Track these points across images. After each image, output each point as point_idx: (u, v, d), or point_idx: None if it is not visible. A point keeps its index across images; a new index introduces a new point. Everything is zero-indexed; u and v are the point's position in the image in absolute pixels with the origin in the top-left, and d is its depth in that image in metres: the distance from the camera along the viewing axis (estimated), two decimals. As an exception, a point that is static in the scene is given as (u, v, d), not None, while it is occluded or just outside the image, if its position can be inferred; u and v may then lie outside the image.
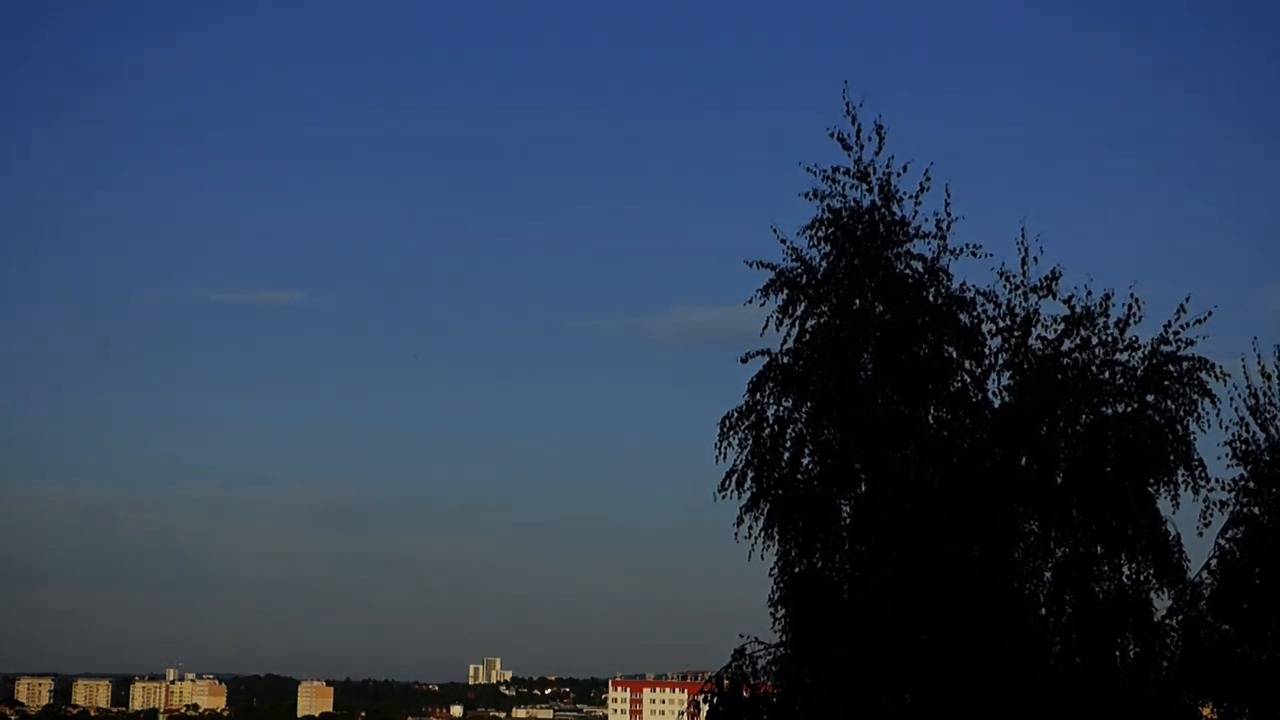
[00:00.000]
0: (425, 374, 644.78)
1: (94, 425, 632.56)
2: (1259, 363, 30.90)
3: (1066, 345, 29.34)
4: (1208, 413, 29.26)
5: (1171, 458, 28.91)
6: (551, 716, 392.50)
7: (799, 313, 29.02)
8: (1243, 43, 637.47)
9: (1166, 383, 29.17)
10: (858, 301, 28.89)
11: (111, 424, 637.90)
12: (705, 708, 29.18)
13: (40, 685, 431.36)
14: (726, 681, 29.01)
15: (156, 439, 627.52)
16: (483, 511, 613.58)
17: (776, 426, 28.80)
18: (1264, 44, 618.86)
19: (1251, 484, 30.43)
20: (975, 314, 29.25)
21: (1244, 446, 30.61)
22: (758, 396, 28.97)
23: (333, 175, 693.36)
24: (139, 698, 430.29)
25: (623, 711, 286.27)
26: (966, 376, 29.00)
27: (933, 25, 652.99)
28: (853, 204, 29.23)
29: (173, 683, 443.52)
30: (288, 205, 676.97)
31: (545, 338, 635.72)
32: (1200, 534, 29.94)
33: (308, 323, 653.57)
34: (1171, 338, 29.33)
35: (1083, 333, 29.32)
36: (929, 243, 29.14)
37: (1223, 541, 30.18)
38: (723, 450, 29.11)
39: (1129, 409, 29.10)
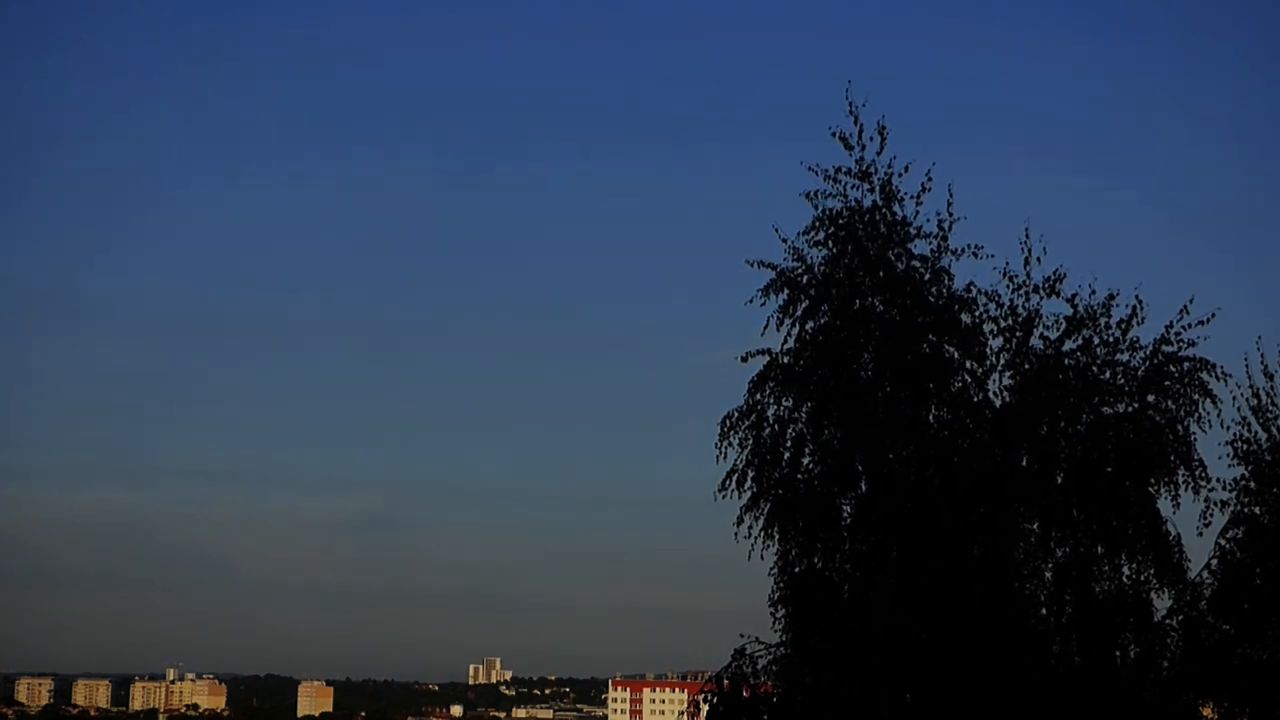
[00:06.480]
0: (427, 378, 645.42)
1: (119, 433, 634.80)
2: (1262, 362, 30.90)
3: (1068, 345, 29.32)
4: (1209, 413, 29.28)
5: (1172, 458, 28.89)
6: (551, 716, 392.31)
7: (799, 312, 28.94)
8: (1245, 47, 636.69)
9: (1168, 383, 29.15)
10: (858, 301, 28.82)
11: (138, 431, 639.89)
12: (705, 708, 29.14)
13: (40, 685, 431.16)
14: (726, 681, 28.96)
15: (183, 447, 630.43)
16: (484, 513, 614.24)
17: (777, 426, 28.72)
18: (1265, 47, 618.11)
19: (1252, 484, 30.37)
20: (977, 314, 29.23)
21: (1245, 446, 30.55)
22: (758, 396, 28.90)
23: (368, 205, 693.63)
24: (139, 698, 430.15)
25: (623, 711, 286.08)
26: (967, 376, 28.95)
27: (936, 27, 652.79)
28: (854, 204, 29.19)
29: (173, 683, 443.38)
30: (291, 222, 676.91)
31: (543, 342, 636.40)
32: (1200, 534, 29.93)
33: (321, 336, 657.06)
34: (1173, 338, 29.32)
35: (1085, 333, 29.30)
36: (930, 243, 29.12)
37: (1223, 541, 30.13)
38: (723, 450, 29.05)
39: (1130, 409, 29.08)
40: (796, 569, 28.54)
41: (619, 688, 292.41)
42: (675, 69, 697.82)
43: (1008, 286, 29.42)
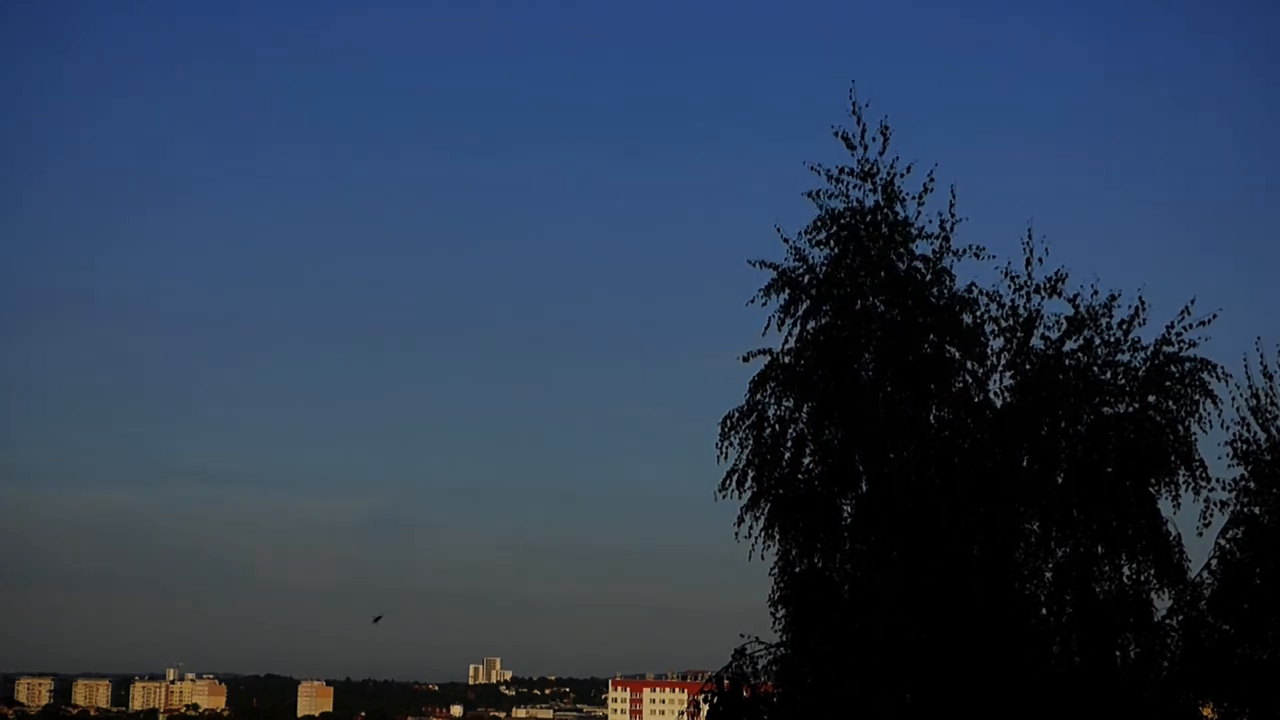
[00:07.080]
0: (427, 378, 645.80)
1: (119, 433, 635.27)
2: (1262, 362, 30.91)
3: (1069, 346, 29.33)
4: (1209, 413, 29.29)
5: (1172, 458, 28.90)
6: (551, 716, 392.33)
7: (801, 313, 28.96)
8: (1245, 46, 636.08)
9: (1168, 383, 29.16)
10: (860, 302, 28.84)
11: (138, 431, 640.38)
12: (705, 708, 29.17)
13: (40, 685, 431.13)
14: (726, 681, 29.00)
15: (183, 447, 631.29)
16: (484, 513, 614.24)
17: (777, 426, 28.74)
18: (1265, 47, 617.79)
19: (1252, 484, 30.40)
20: (978, 314, 29.23)
21: (1245, 446, 30.57)
22: (759, 396, 28.92)
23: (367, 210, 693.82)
24: (139, 698, 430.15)
25: (623, 711, 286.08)
26: (968, 377, 28.96)
27: (937, 27, 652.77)
28: (856, 204, 29.19)
29: (173, 683, 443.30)
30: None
31: (544, 342, 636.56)
32: (1200, 534, 29.95)
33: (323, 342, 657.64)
34: (1174, 339, 29.33)
35: (1086, 333, 29.31)
36: (932, 243, 29.12)
37: (1223, 541, 30.15)
38: (723, 450, 29.08)
39: (1130, 409, 29.09)
40: (797, 569, 28.56)
41: (619, 688, 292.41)
42: (676, 69, 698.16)
43: (1009, 287, 29.47)
